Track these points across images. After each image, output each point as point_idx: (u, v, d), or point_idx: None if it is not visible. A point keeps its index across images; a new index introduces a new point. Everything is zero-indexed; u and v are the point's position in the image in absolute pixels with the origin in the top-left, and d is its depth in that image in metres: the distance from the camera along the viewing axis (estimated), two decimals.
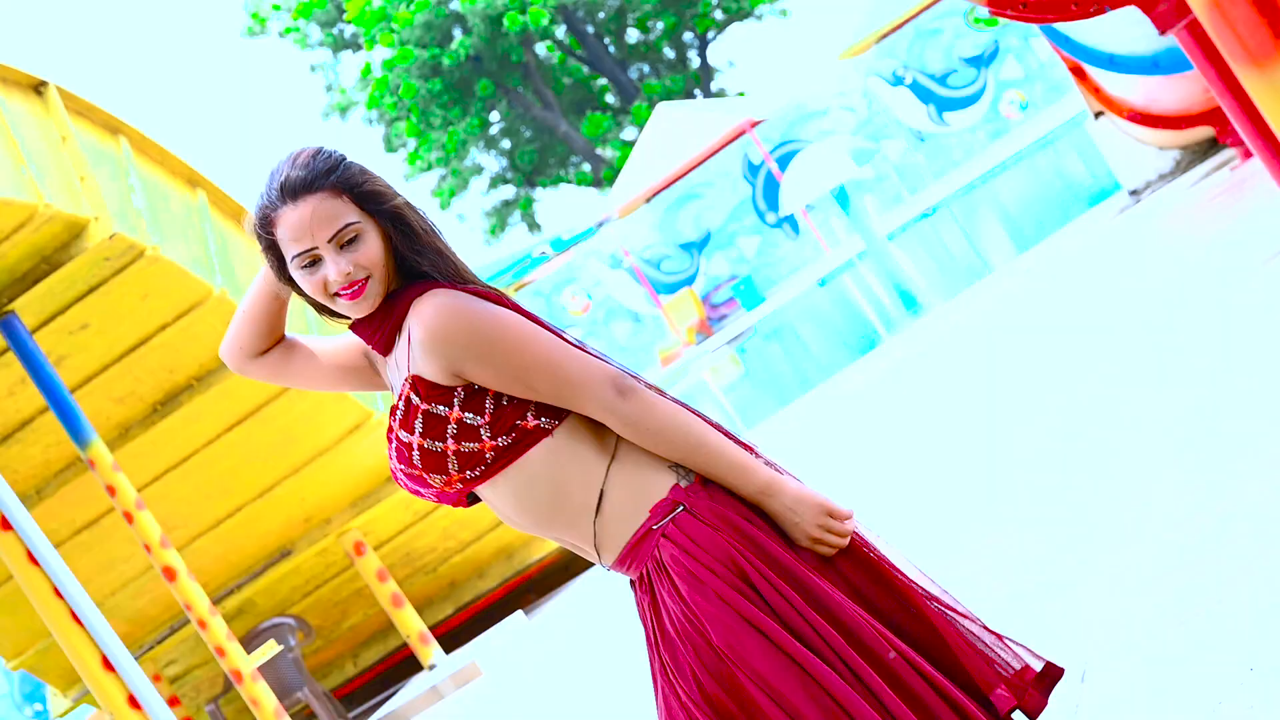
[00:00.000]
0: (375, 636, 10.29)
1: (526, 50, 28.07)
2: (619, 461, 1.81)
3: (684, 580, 1.77)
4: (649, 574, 1.81)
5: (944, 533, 4.72)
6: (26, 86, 6.87)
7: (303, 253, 1.79)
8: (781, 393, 12.58)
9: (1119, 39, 6.90)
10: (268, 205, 1.81)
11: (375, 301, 1.82)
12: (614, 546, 1.82)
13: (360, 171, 1.82)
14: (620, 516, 1.80)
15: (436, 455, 1.79)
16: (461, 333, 1.77)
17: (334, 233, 1.79)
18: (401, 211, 1.82)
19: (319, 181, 1.79)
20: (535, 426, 1.80)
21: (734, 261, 21.66)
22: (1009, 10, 4.59)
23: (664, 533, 1.79)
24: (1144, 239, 7.88)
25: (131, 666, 5.88)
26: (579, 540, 1.84)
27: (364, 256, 1.80)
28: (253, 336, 1.95)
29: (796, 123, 21.06)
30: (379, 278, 1.81)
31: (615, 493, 1.80)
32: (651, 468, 1.81)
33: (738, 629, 1.73)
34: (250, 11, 29.73)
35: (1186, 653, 2.77)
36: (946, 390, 7.36)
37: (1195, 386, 4.41)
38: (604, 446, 1.82)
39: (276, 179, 1.81)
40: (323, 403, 8.77)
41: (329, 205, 1.79)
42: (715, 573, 1.76)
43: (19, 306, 6.92)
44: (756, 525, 1.79)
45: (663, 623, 1.80)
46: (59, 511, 8.31)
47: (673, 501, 1.79)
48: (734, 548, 1.77)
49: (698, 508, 1.79)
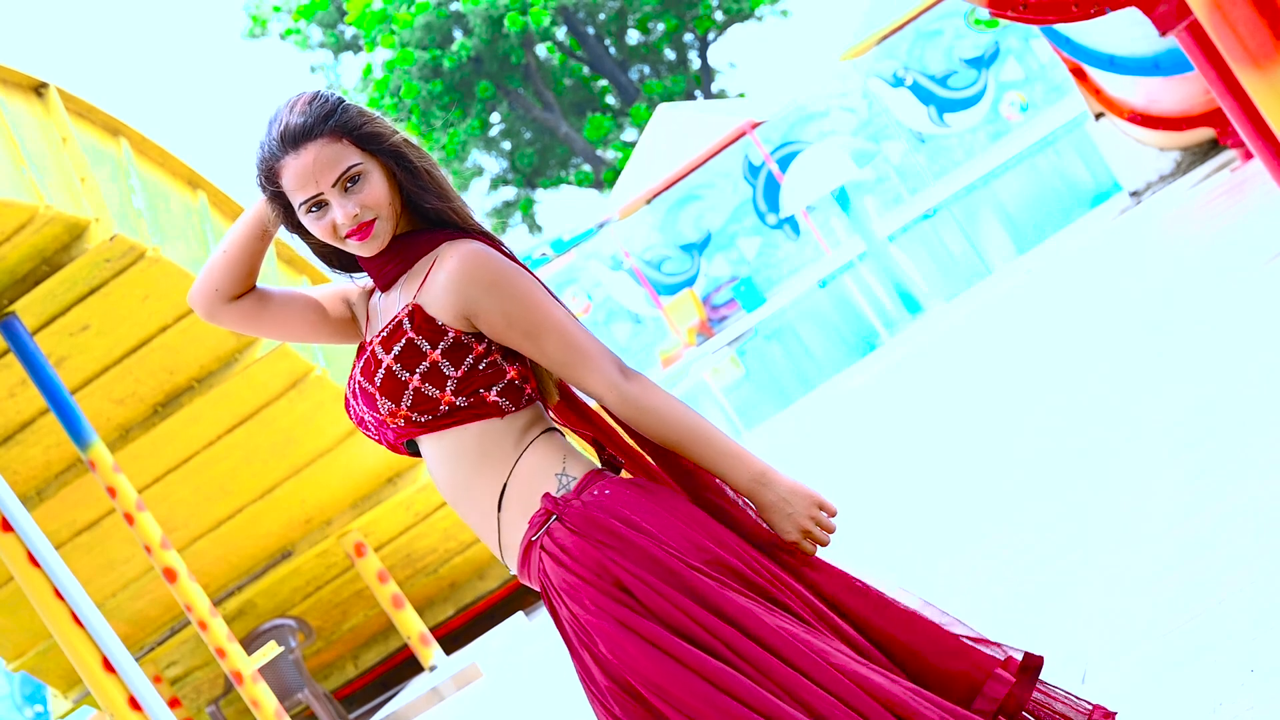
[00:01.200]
0: (376, 638, 10.29)
1: (527, 51, 28.08)
2: (521, 462, 1.81)
3: (566, 593, 1.77)
4: (543, 587, 1.81)
5: (944, 533, 4.72)
6: (27, 88, 6.88)
7: (309, 199, 1.81)
8: (782, 394, 12.58)
9: (1119, 40, 6.90)
10: (270, 156, 1.82)
11: (385, 239, 1.84)
12: (511, 554, 1.84)
13: (359, 113, 1.83)
14: (513, 522, 1.82)
15: (398, 383, 1.80)
16: (491, 276, 1.79)
17: (337, 176, 1.80)
18: (401, 149, 1.84)
19: (318, 127, 1.80)
20: (494, 402, 1.81)
21: (734, 263, 21.67)
22: (1009, 11, 4.59)
23: (541, 545, 1.79)
24: (1144, 240, 7.88)
25: (132, 668, 5.88)
26: (489, 537, 1.84)
27: (369, 197, 1.81)
28: (231, 278, 1.91)
29: (797, 124, 21.07)
30: (386, 216, 1.83)
31: (511, 494, 1.82)
32: (540, 474, 1.81)
33: (619, 637, 1.72)
34: (251, 13, 29.75)
35: (1186, 653, 2.77)
36: (947, 391, 7.36)
37: (1195, 387, 4.41)
38: (521, 438, 1.82)
39: (276, 128, 1.82)
40: (323, 404, 8.77)
41: (331, 150, 1.80)
42: (588, 582, 1.75)
43: (19, 308, 6.93)
44: (636, 530, 1.76)
45: (567, 635, 1.81)
46: (59, 513, 8.31)
47: (546, 512, 1.79)
48: (606, 555, 1.74)
49: (568, 516, 1.78)
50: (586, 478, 1.80)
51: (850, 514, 6.03)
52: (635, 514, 1.76)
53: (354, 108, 1.83)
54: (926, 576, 4.37)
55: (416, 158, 1.85)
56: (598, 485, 1.79)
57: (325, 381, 8.64)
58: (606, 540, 1.75)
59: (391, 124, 1.85)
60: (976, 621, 3.73)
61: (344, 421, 8.92)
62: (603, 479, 1.81)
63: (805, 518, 1.79)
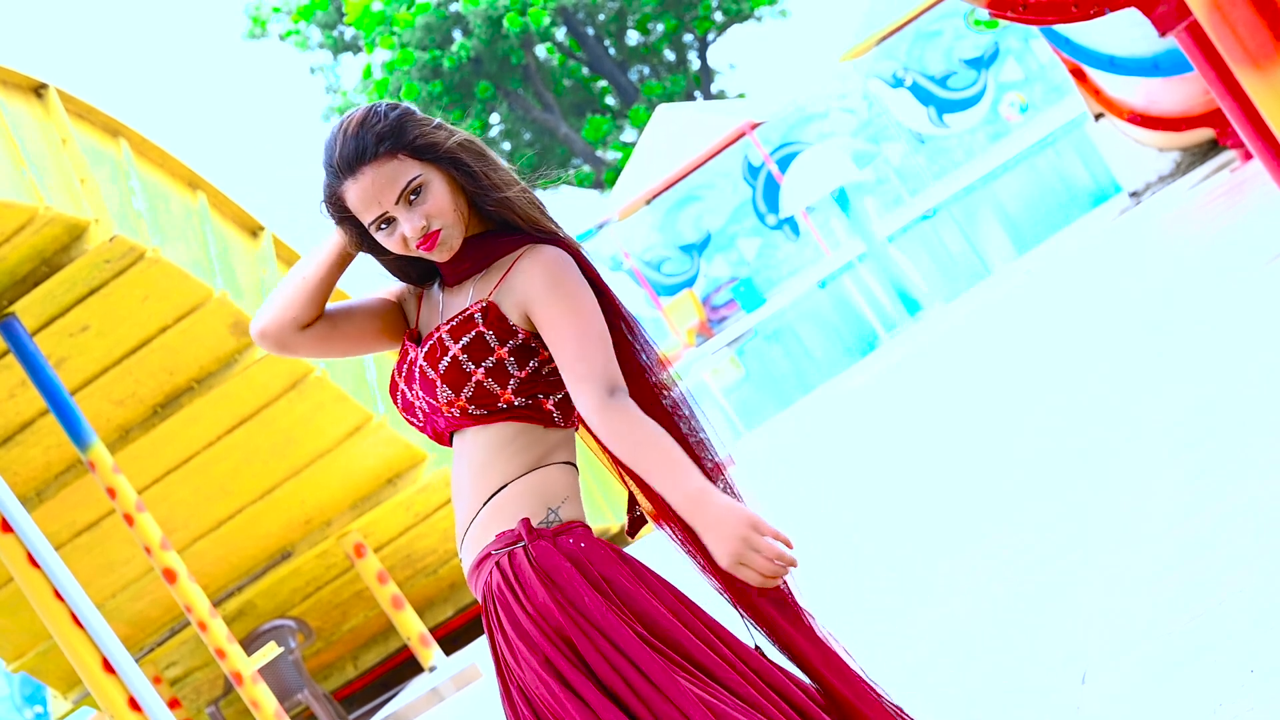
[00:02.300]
0: (376, 638, 10.28)
1: (527, 52, 28.08)
2: (530, 475, 1.82)
3: (508, 621, 1.79)
4: (487, 599, 1.83)
5: (944, 533, 4.72)
6: (27, 89, 6.88)
7: (376, 219, 1.83)
8: (782, 394, 12.58)
9: (1119, 41, 6.90)
10: (331, 184, 1.84)
11: (455, 245, 1.85)
12: (470, 554, 1.85)
13: (413, 124, 1.83)
14: (487, 524, 1.83)
15: (462, 373, 1.82)
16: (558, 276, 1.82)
17: (399, 193, 1.82)
18: (457, 154, 1.84)
19: (372, 149, 1.81)
20: (549, 410, 1.84)
21: (734, 263, 21.66)
22: (1009, 12, 4.60)
23: (497, 563, 1.80)
24: (1144, 241, 7.89)
25: (132, 668, 5.88)
26: (462, 519, 1.85)
27: (433, 206, 1.83)
28: (311, 307, 1.90)
29: (797, 125, 21.07)
30: (453, 223, 1.84)
31: (502, 498, 1.83)
32: (535, 497, 1.82)
33: (546, 680, 1.74)
34: (250, 14, 29.75)
35: (1186, 654, 2.77)
36: (946, 391, 7.36)
37: (1195, 387, 4.41)
38: (548, 453, 1.84)
39: (331, 155, 1.83)
40: (323, 404, 8.77)
41: (388, 168, 1.82)
42: (531, 617, 1.76)
43: (19, 309, 6.93)
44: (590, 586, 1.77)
45: (496, 653, 1.83)
46: (59, 513, 8.31)
47: (516, 535, 1.80)
48: (556, 602, 1.76)
49: (536, 551, 1.79)
50: (570, 524, 1.82)
51: (851, 514, 6.03)
52: (598, 569, 1.78)
53: (408, 119, 1.83)
54: (926, 576, 4.37)
55: (474, 160, 1.85)
56: (575, 535, 1.81)
57: (325, 382, 8.64)
58: (558, 585, 1.76)
59: (449, 128, 1.86)
60: (976, 621, 3.74)
61: (344, 422, 8.92)
62: (584, 532, 1.82)
63: (738, 539, 1.71)
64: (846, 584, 4.80)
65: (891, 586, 4.47)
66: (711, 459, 1.88)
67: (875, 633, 4.04)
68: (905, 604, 4.22)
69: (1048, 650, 3.24)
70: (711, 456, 1.89)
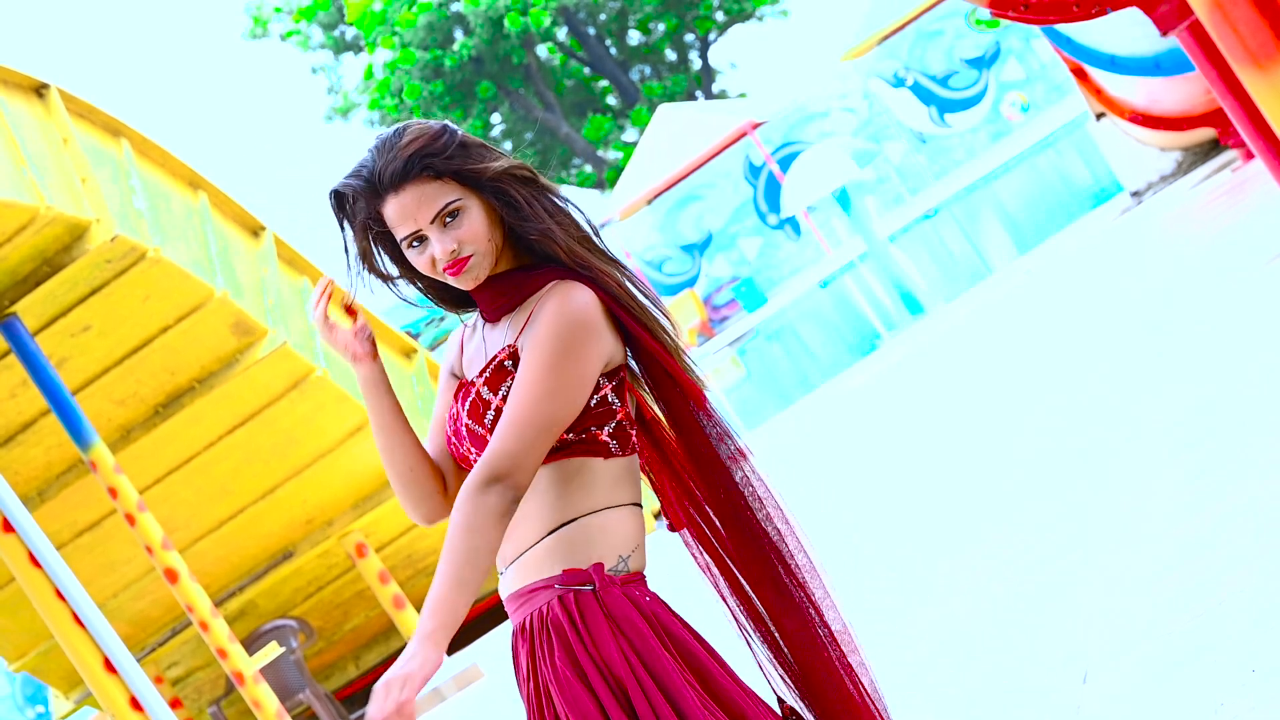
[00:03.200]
0: (377, 638, 10.29)
1: (528, 52, 28.08)
2: (599, 515, 1.80)
3: (562, 660, 1.77)
4: (531, 628, 1.81)
5: (944, 533, 4.72)
6: (28, 88, 6.88)
7: (409, 235, 1.82)
8: (783, 394, 12.58)
9: (1120, 40, 6.90)
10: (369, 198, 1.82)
11: (482, 275, 1.83)
12: (520, 579, 1.83)
13: (458, 150, 1.81)
14: (550, 554, 1.80)
15: None
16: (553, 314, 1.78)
17: (435, 213, 1.80)
18: (501, 184, 1.82)
19: (415, 171, 1.80)
20: (604, 442, 1.81)
21: (735, 263, 21.66)
22: (1010, 11, 4.60)
23: (560, 598, 1.79)
24: (1145, 240, 7.88)
25: (133, 668, 5.88)
26: (511, 551, 1.83)
27: (467, 233, 1.81)
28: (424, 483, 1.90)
29: (798, 124, 21.06)
30: (485, 252, 1.82)
31: (572, 531, 1.80)
32: (607, 541, 1.80)
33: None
34: (252, 14, 29.75)
35: (1187, 653, 2.77)
36: (947, 391, 7.36)
37: (1195, 387, 4.40)
38: (616, 496, 1.82)
39: (375, 170, 1.82)
40: (325, 405, 8.77)
41: (430, 187, 1.80)
42: (593, 668, 1.76)
43: (20, 309, 6.93)
44: (653, 634, 1.77)
45: (535, 684, 1.81)
46: (61, 513, 8.31)
47: (587, 576, 1.79)
48: (620, 652, 1.76)
49: (605, 596, 1.78)
50: (638, 576, 1.82)
51: (851, 514, 6.03)
52: (664, 626, 1.79)
53: (454, 143, 1.81)
54: (926, 576, 4.37)
55: (519, 188, 1.82)
56: (642, 588, 1.81)
57: (326, 382, 8.65)
58: (627, 636, 1.76)
59: (496, 155, 1.83)
60: (976, 621, 3.73)
61: (345, 422, 8.93)
62: (646, 588, 1.82)
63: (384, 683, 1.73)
64: (846, 584, 4.80)
65: (891, 586, 4.47)
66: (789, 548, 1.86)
67: (875, 633, 4.03)
68: (905, 604, 4.22)
69: (1048, 650, 3.24)
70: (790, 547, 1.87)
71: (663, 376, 1.86)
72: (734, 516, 1.86)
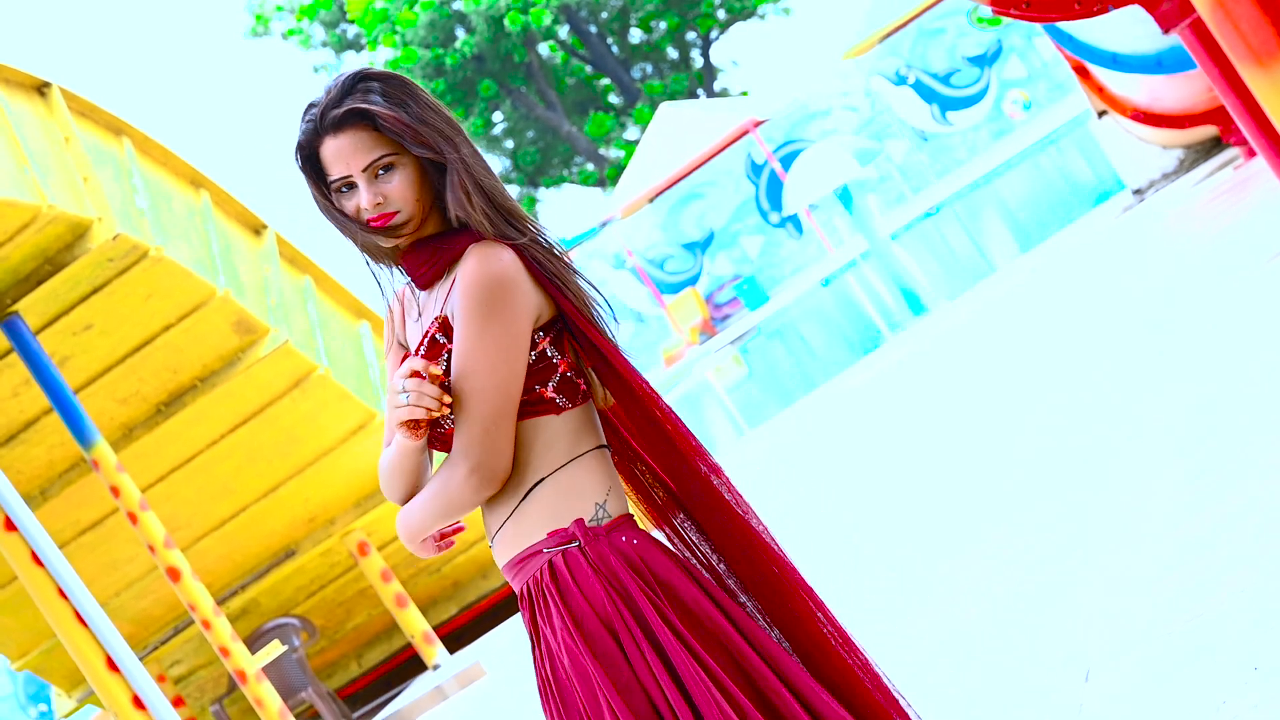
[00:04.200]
0: (379, 637, 10.30)
1: (529, 50, 28.08)
2: (566, 469, 1.81)
3: (559, 617, 1.79)
4: (530, 593, 1.83)
5: (944, 533, 4.72)
6: (30, 87, 6.89)
7: (340, 179, 1.84)
8: (785, 392, 12.59)
9: (1122, 38, 6.90)
10: (309, 134, 1.84)
11: (406, 235, 1.84)
12: (510, 548, 1.84)
13: (401, 107, 1.81)
14: (530, 520, 1.82)
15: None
16: (472, 293, 1.78)
17: (368, 163, 1.82)
18: (433, 151, 1.82)
19: (351, 117, 1.82)
20: (551, 399, 1.81)
21: (737, 261, 21.66)
22: (1012, 9, 4.59)
23: (550, 561, 1.80)
24: (1147, 238, 7.88)
25: (136, 667, 5.89)
26: (494, 519, 1.85)
27: (394, 190, 1.82)
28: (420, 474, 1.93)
29: (799, 122, 21.06)
30: (409, 212, 1.83)
31: (544, 492, 1.81)
32: (580, 492, 1.81)
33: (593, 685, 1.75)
34: (253, 12, 29.76)
35: (1188, 653, 2.77)
36: (949, 390, 7.36)
37: (1197, 386, 4.40)
38: (577, 446, 1.83)
39: (315, 111, 1.84)
40: (326, 403, 8.78)
41: (367, 137, 1.82)
42: (586, 621, 1.77)
43: (22, 307, 6.94)
44: (641, 585, 1.78)
45: (539, 648, 1.83)
46: (63, 512, 8.32)
47: (570, 534, 1.80)
48: (611, 601, 1.77)
49: (591, 550, 1.79)
50: (620, 520, 1.82)
51: (851, 514, 6.03)
52: (653, 570, 1.80)
53: (401, 101, 1.81)
54: (926, 576, 4.37)
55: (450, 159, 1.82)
56: (627, 533, 1.82)
57: (328, 381, 8.65)
58: (617, 587, 1.78)
59: (440, 120, 1.82)
60: (976, 621, 3.73)
61: (347, 420, 8.93)
62: (633, 529, 1.83)
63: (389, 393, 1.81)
64: (846, 584, 4.80)
65: (891, 586, 4.47)
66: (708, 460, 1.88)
67: (875, 633, 4.03)
68: (905, 604, 4.22)
69: (1048, 650, 3.25)
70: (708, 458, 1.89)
71: (583, 340, 1.85)
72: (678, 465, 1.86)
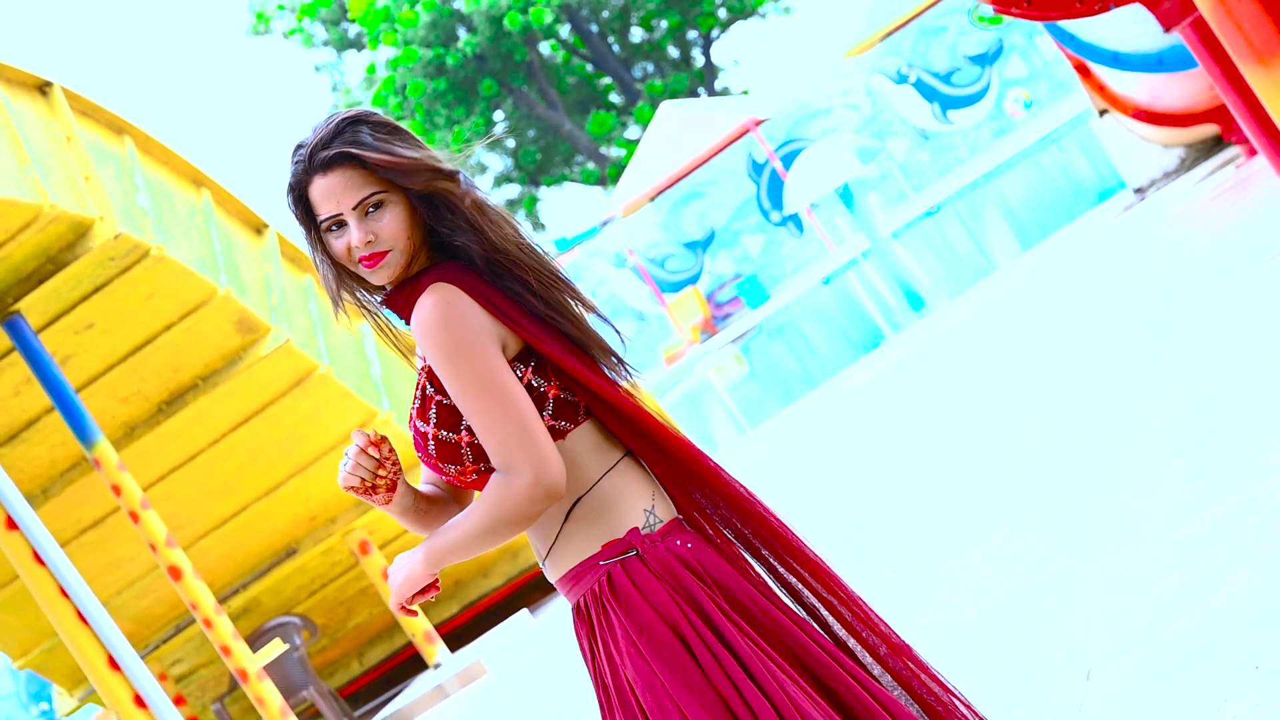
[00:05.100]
0: (380, 635, 10.30)
1: (530, 49, 28.07)
2: (602, 483, 1.81)
3: (621, 628, 1.78)
4: (587, 607, 1.82)
5: (944, 533, 4.72)
6: (31, 86, 6.89)
7: (330, 217, 1.83)
8: (786, 391, 12.59)
9: (1124, 36, 6.89)
10: (299, 174, 1.84)
11: (394, 272, 1.83)
12: (563, 564, 1.83)
13: (387, 146, 1.81)
14: (579, 535, 1.81)
15: (450, 446, 1.80)
16: (430, 338, 1.78)
17: (357, 201, 1.82)
18: (428, 188, 1.82)
19: (342, 156, 1.82)
20: (551, 425, 1.80)
21: (738, 260, 21.66)
22: (1014, 8, 4.59)
23: (609, 572, 1.79)
24: (1148, 237, 7.88)
25: (137, 665, 5.89)
26: (540, 541, 1.84)
27: (384, 229, 1.82)
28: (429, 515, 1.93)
29: (800, 121, 21.06)
30: (401, 249, 1.82)
31: (587, 508, 1.81)
32: (626, 501, 1.81)
33: (661, 691, 1.75)
34: (255, 11, 29.76)
35: (1189, 652, 2.77)
36: (949, 389, 7.36)
37: (1196, 386, 4.40)
38: (605, 458, 1.82)
39: (304, 151, 1.84)
40: (328, 401, 8.78)
41: (357, 176, 1.82)
42: (653, 628, 1.77)
43: (24, 306, 6.94)
44: (704, 588, 1.79)
45: (599, 660, 1.82)
46: (64, 511, 8.33)
47: (627, 544, 1.80)
48: (676, 605, 1.77)
49: (650, 556, 1.79)
50: (672, 524, 1.82)
51: (851, 514, 6.03)
52: (709, 575, 1.80)
53: (382, 139, 1.81)
54: (926, 576, 4.37)
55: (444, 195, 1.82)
56: (681, 536, 1.82)
57: (329, 379, 8.65)
58: (679, 591, 1.78)
59: (425, 157, 1.83)
60: (976, 621, 3.74)
61: (349, 419, 8.94)
62: (685, 532, 1.83)
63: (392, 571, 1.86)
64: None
65: (891, 586, 4.47)
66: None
67: None
68: (905, 604, 4.22)
69: (1049, 650, 3.25)
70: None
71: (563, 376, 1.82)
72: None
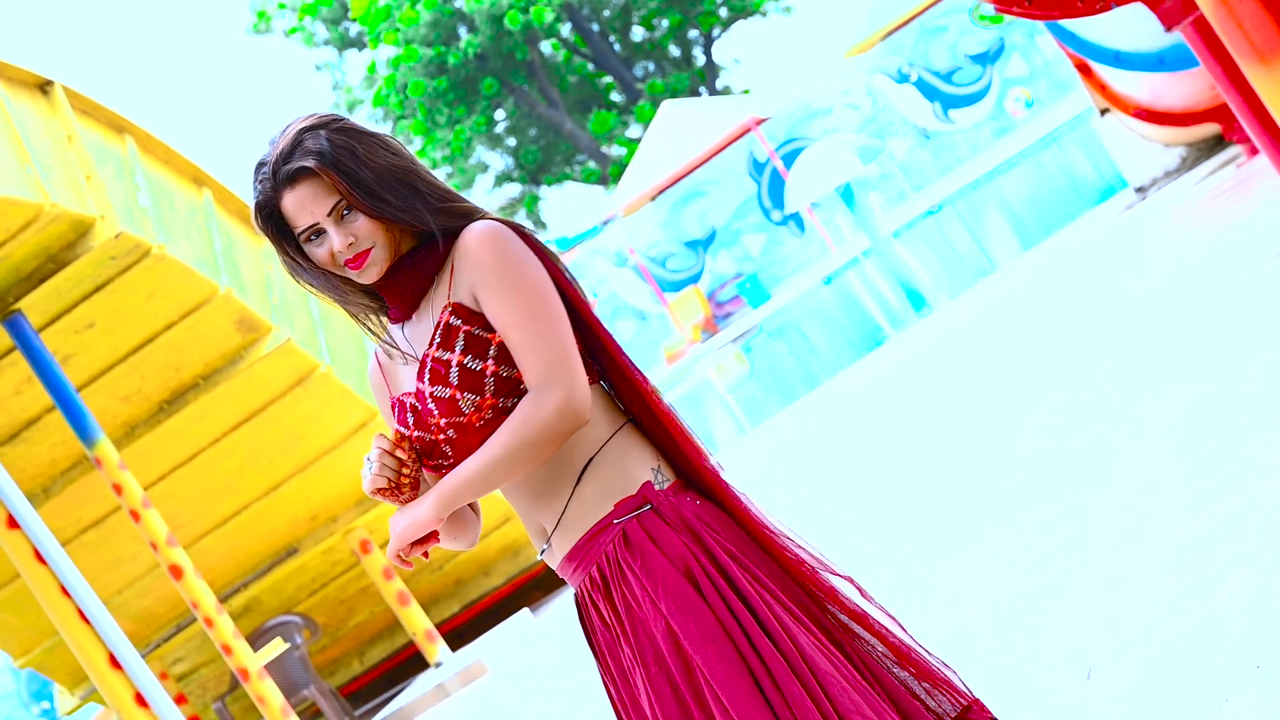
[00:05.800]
0: (381, 634, 10.31)
1: (531, 48, 28.07)
2: (615, 440, 1.82)
3: (638, 585, 1.78)
4: (603, 572, 1.81)
5: (944, 533, 4.72)
6: (32, 85, 6.89)
7: (307, 229, 1.83)
8: (787, 391, 12.59)
9: (1125, 35, 6.89)
10: (265, 192, 1.84)
11: (382, 266, 1.84)
12: (576, 530, 1.82)
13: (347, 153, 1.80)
14: (593, 497, 1.81)
15: (475, 374, 1.79)
16: (488, 256, 1.79)
17: (330, 207, 1.82)
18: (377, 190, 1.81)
19: (302, 171, 1.81)
20: None
21: (739, 259, 21.66)
22: (1015, 7, 4.59)
23: (625, 529, 1.80)
24: (1149, 236, 7.87)
25: (138, 664, 5.90)
26: (549, 512, 1.83)
27: (362, 228, 1.82)
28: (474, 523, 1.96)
29: (801, 120, 21.05)
30: (382, 244, 1.83)
31: (596, 471, 1.81)
32: (635, 459, 1.82)
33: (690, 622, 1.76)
34: (256, 10, 29.76)
35: (1189, 652, 2.77)
36: (950, 389, 7.36)
37: (1197, 386, 4.40)
38: (613, 421, 1.83)
39: (267, 169, 1.83)
40: (329, 401, 8.78)
41: (323, 183, 1.82)
42: (668, 577, 1.77)
43: (25, 305, 6.94)
44: (716, 537, 1.80)
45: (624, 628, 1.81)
46: (65, 510, 8.33)
47: (642, 498, 1.81)
48: (691, 553, 1.78)
49: (665, 509, 1.80)
50: (678, 484, 1.84)
51: (851, 514, 6.03)
52: (719, 528, 1.81)
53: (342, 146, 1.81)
54: (926, 576, 4.37)
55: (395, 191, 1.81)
56: (688, 494, 1.83)
57: (330, 379, 8.66)
58: (694, 539, 1.79)
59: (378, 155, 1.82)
60: (976, 621, 3.74)
61: (349, 418, 8.94)
62: (691, 492, 1.84)
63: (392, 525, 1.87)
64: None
65: (891, 586, 4.47)
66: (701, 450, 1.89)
67: None
68: (905, 604, 4.22)
69: (1049, 650, 3.25)
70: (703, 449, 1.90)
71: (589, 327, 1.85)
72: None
